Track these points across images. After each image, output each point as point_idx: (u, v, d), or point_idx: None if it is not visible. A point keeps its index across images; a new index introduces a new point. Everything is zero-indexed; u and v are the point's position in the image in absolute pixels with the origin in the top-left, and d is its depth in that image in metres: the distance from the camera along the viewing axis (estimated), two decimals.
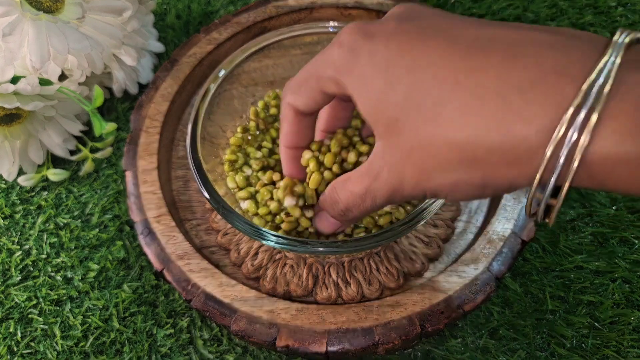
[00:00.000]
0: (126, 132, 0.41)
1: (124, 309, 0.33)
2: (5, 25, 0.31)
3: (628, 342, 0.30)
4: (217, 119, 0.33)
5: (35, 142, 0.38)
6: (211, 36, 0.41)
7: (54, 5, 0.33)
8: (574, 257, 0.33)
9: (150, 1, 0.41)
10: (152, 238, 0.32)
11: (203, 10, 0.48)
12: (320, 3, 0.42)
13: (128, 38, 0.38)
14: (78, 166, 0.40)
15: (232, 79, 0.34)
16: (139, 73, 0.42)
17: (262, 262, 0.32)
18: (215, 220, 0.34)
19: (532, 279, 0.33)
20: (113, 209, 0.37)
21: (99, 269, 0.35)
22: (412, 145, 0.18)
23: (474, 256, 0.30)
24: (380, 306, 0.29)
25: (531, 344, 0.31)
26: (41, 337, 0.33)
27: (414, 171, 0.18)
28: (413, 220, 0.27)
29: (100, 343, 0.32)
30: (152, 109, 0.38)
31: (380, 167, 0.20)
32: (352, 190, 0.22)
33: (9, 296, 0.34)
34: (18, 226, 0.37)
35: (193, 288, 0.30)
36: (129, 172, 0.35)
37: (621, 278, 0.32)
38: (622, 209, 0.35)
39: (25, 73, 0.34)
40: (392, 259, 0.32)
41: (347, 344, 0.28)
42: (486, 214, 0.34)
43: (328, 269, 0.32)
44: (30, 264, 0.35)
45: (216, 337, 0.32)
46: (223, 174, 0.32)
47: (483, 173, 0.17)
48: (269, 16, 0.42)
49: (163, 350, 0.32)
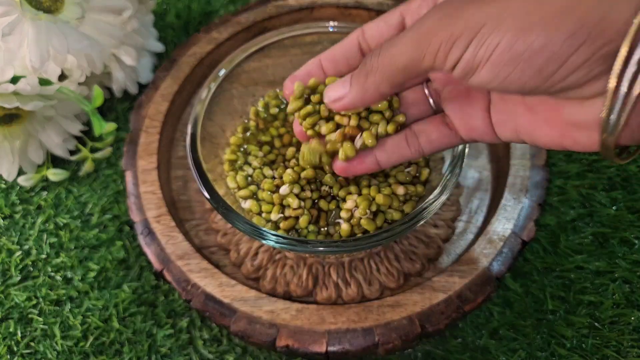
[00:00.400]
0: (126, 132, 0.41)
1: (124, 309, 0.33)
2: (4, 25, 0.31)
3: (628, 342, 0.30)
4: (217, 119, 0.33)
5: (35, 142, 0.38)
6: (211, 36, 0.41)
7: (54, 5, 0.33)
8: (574, 257, 0.33)
9: (150, 1, 0.41)
10: (152, 238, 0.32)
11: (203, 10, 0.48)
12: (320, 3, 0.42)
13: (128, 38, 0.38)
14: (78, 166, 0.40)
15: (232, 78, 0.34)
16: (139, 73, 0.42)
17: (262, 262, 0.32)
18: (215, 221, 0.34)
19: (532, 279, 0.33)
20: (113, 209, 0.37)
21: (99, 269, 0.35)
22: None
23: (474, 256, 0.30)
24: (380, 306, 0.29)
25: (531, 344, 0.31)
26: (41, 337, 0.33)
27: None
28: (413, 220, 0.27)
29: (100, 343, 0.32)
30: (152, 108, 0.38)
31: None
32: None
33: (8, 296, 0.34)
34: (18, 226, 0.37)
35: (193, 288, 0.30)
36: (128, 172, 0.35)
37: (621, 278, 0.32)
38: (622, 209, 0.35)
39: (25, 73, 0.34)
40: (392, 259, 0.32)
41: (347, 344, 0.28)
42: (486, 214, 0.34)
43: (328, 269, 0.32)
44: (30, 264, 0.35)
45: (216, 337, 0.32)
46: (223, 173, 0.32)
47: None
48: (269, 16, 0.42)
49: (163, 350, 0.31)
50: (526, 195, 0.32)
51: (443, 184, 0.27)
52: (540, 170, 0.33)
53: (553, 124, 0.19)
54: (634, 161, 0.36)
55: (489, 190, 0.35)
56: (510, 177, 0.33)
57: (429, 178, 0.31)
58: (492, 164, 0.36)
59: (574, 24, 0.15)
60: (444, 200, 0.27)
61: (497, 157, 0.36)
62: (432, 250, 0.32)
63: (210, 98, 0.32)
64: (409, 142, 0.25)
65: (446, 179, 0.27)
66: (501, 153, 0.35)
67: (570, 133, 0.18)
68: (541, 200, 0.32)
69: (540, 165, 0.34)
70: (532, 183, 0.33)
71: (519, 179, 0.33)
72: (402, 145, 0.25)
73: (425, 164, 0.32)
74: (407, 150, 0.25)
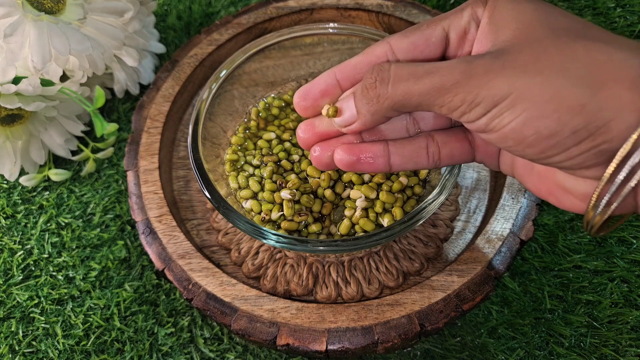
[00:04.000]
0: (127, 132, 0.41)
1: (125, 308, 0.33)
2: (6, 26, 0.31)
3: (626, 341, 0.30)
4: (218, 120, 0.33)
5: (36, 143, 0.38)
6: (212, 37, 0.41)
7: (56, 6, 0.33)
8: (573, 257, 0.33)
9: (151, 2, 0.41)
10: (154, 237, 0.33)
11: (204, 12, 0.48)
12: (320, 4, 0.42)
13: (129, 39, 0.38)
14: (79, 166, 0.40)
15: (233, 79, 0.34)
16: (140, 74, 0.42)
17: (263, 261, 0.32)
18: (216, 220, 0.35)
19: (530, 278, 0.33)
20: (114, 208, 0.37)
21: (101, 268, 0.35)
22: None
23: (472, 256, 0.30)
24: (379, 305, 0.29)
25: (530, 343, 0.31)
26: (43, 336, 0.33)
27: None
28: (412, 219, 0.27)
29: (102, 342, 0.32)
30: (153, 109, 0.38)
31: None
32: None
33: (10, 295, 0.34)
34: (20, 226, 0.37)
35: (194, 287, 0.30)
36: (130, 172, 0.35)
37: (619, 277, 0.33)
38: None
39: (27, 74, 0.34)
40: (391, 259, 0.32)
41: (346, 343, 0.28)
42: (485, 214, 0.34)
43: (328, 268, 0.32)
44: (32, 263, 0.36)
45: (217, 336, 0.32)
46: (224, 173, 0.33)
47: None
48: (269, 17, 0.42)
49: (164, 349, 0.32)
50: (524, 195, 0.33)
51: (442, 184, 0.28)
52: None
53: (544, 180, 0.21)
54: None
55: (488, 190, 0.35)
56: (508, 177, 0.33)
57: (428, 178, 0.31)
58: None
59: (583, 122, 0.17)
60: (443, 200, 0.27)
61: None
62: (431, 250, 0.32)
63: (211, 99, 0.32)
64: (429, 152, 0.24)
65: (445, 179, 0.28)
66: None
67: (557, 193, 0.21)
68: (539, 200, 0.33)
69: None
70: None
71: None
72: (421, 154, 0.24)
73: None
74: (425, 159, 0.24)
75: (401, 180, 0.30)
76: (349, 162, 0.24)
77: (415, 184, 0.31)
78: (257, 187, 0.31)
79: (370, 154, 0.24)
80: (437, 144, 0.24)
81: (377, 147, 0.24)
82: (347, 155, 0.23)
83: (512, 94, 0.18)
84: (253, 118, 0.35)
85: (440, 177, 0.28)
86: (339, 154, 0.24)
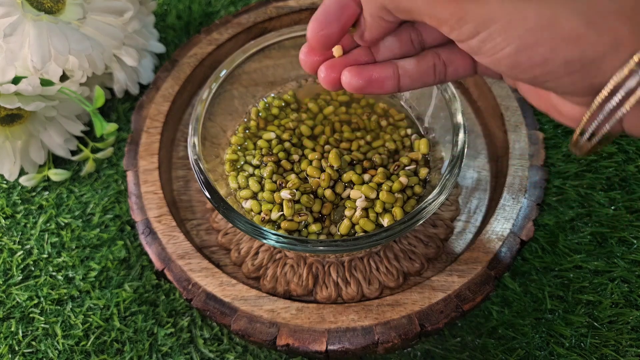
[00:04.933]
0: (127, 132, 0.41)
1: (125, 308, 0.33)
2: (6, 26, 0.31)
3: (626, 342, 0.30)
4: (218, 119, 0.33)
5: (36, 142, 0.38)
6: (212, 37, 0.41)
7: (55, 6, 0.33)
8: (573, 257, 0.33)
9: (151, 2, 0.41)
10: (153, 238, 0.33)
11: (204, 11, 0.48)
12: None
13: (129, 39, 0.38)
14: (79, 166, 0.40)
15: (233, 79, 0.34)
16: (140, 73, 0.42)
17: (263, 261, 0.32)
18: (216, 220, 0.35)
19: (531, 278, 0.33)
20: (114, 208, 0.37)
21: (100, 268, 0.35)
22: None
23: (473, 256, 0.30)
24: (380, 305, 0.29)
25: (530, 343, 0.31)
26: (42, 337, 0.33)
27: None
28: (412, 219, 0.27)
29: (101, 342, 0.32)
30: (153, 109, 0.38)
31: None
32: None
33: (10, 295, 0.34)
34: (19, 226, 0.37)
35: (194, 287, 0.30)
36: (130, 172, 0.35)
37: (620, 278, 0.33)
38: (620, 209, 0.35)
39: (27, 73, 0.34)
40: (391, 259, 0.32)
41: (347, 343, 0.28)
42: (485, 214, 0.34)
43: (328, 268, 0.32)
44: (32, 263, 0.36)
45: (217, 336, 0.32)
46: (224, 173, 0.33)
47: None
48: (269, 17, 0.42)
49: (164, 349, 0.32)
50: (525, 195, 0.33)
51: (442, 184, 0.27)
52: (539, 170, 0.34)
53: (542, 98, 0.21)
54: (633, 161, 0.37)
55: (488, 190, 0.35)
56: (509, 177, 0.33)
57: (428, 178, 0.31)
58: (490, 164, 0.36)
59: (577, 53, 0.17)
60: (443, 200, 0.27)
61: (495, 157, 0.36)
62: (431, 250, 0.32)
63: (211, 98, 0.32)
64: (436, 72, 0.24)
65: (445, 178, 0.28)
66: (500, 153, 0.36)
67: (553, 112, 0.21)
68: (540, 200, 0.33)
69: (539, 165, 0.34)
70: (531, 183, 0.33)
71: (517, 179, 0.33)
72: (429, 74, 0.24)
73: (424, 163, 0.32)
74: (432, 78, 0.24)
75: (401, 180, 0.30)
76: (358, 85, 0.23)
77: (415, 184, 0.31)
78: (257, 187, 0.31)
79: (377, 74, 0.23)
80: (443, 62, 0.24)
81: (385, 69, 0.23)
82: (355, 79, 0.23)
83: (505, 17, 0.17)
84: (253, 118, 0.35)
85: (441, 177, 0.28)
86: (347, 77, 0.23)
